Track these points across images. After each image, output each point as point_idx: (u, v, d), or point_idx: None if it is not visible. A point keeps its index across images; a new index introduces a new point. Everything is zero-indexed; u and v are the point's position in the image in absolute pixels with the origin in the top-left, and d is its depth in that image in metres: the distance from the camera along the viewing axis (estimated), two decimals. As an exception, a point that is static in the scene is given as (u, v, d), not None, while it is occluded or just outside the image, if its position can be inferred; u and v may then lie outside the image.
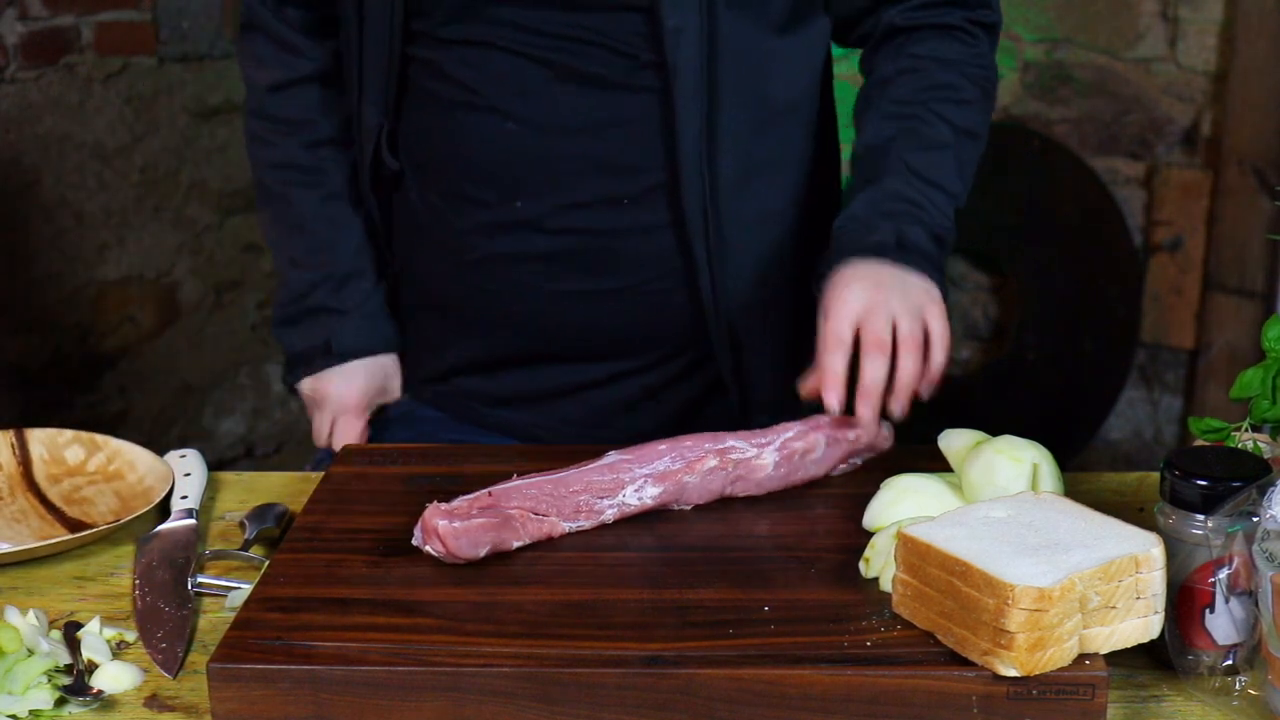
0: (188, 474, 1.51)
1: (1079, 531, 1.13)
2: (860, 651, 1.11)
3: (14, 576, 1.35)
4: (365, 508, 1.37)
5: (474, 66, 1.56)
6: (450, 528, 1.26)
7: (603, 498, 1.33)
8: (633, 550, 1.30)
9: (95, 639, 1.22)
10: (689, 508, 1.37)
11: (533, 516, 1.30)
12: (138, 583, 1.32)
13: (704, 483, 1.36)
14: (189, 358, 3.50)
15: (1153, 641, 1.12)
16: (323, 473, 1.47)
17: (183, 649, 1.22)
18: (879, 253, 1.46)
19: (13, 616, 1.24)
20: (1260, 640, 1.10)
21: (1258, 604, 1.09)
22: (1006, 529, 1.14)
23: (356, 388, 1.71)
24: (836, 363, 1.39)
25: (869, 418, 1.39)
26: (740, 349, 1.64)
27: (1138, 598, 1.10)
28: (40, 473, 1.54)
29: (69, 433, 1.57)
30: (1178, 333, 3.64)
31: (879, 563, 1.22)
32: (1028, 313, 3.75)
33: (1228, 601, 1.13)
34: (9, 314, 3.13)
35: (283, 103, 1.70)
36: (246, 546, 1.38)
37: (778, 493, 1.39)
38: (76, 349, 3.27)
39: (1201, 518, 1.13)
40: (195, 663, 1.21)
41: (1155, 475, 1.21)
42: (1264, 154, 3.38)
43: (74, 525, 1.45)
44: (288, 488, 1.54)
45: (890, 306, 1.40)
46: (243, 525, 1.42)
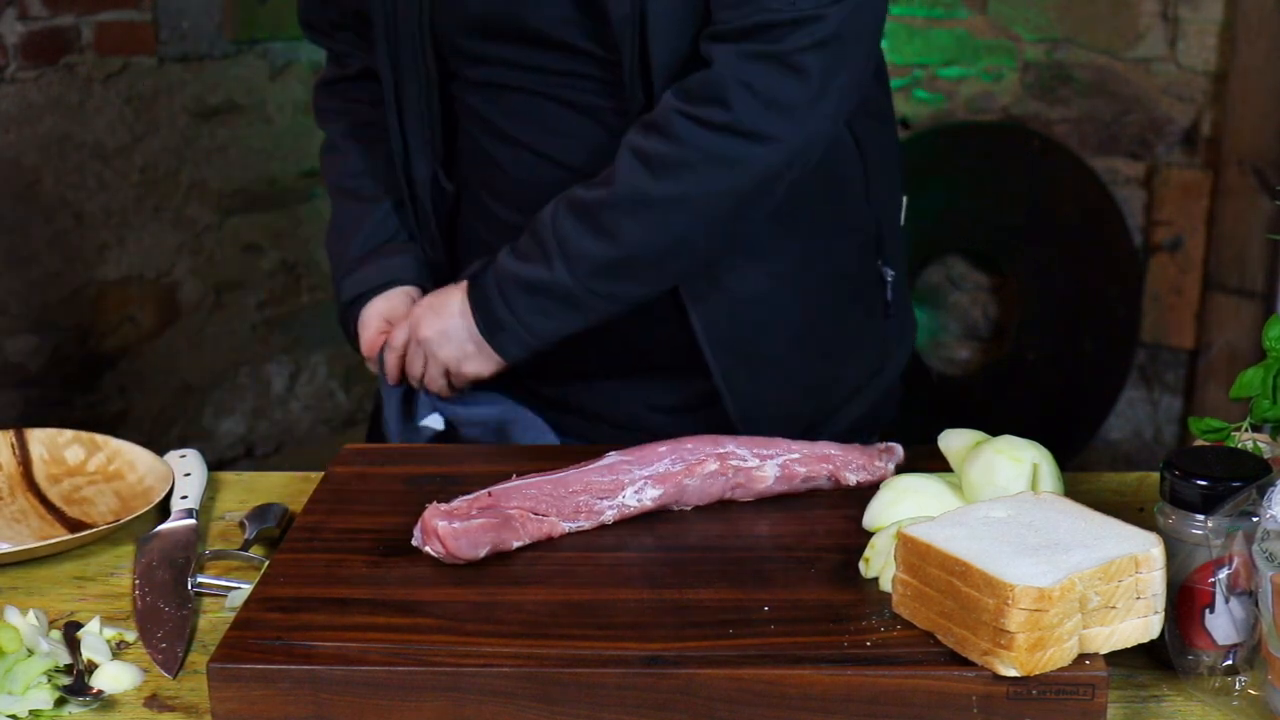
0: (188, 474, 1.51)
1: (1079, 531, 1.13)
2: (860, 651, 1.11)
3: (14, 576, 1.35)
4: (365, 508, 1.37)
5: (492, 103, 1.63)
6: (450, 528, 1.26)
7: (602, 498, 1.33)
8: (633, 550, 1.30)
9: (95, 639, 1.22)
10: (688, 509, 1.37)
11: (532, 517, 1.30)
12: (138, 583, 1.32)
13: (704, 486, 1.36)
14: (189, 358, 3.50)
15: (1153, 641, 1.12)
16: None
17: (183, 649, 1.22)
18: (471, 282, 1.63)
19: (13, 616, 1.24)
20: (1260, 640, 1.10)
21: (1258, 604, 1.09)
22: (1006, 529, 1.14)
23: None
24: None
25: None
26: (733, 363, 1.64)
27: (1138, 598, 1.10)
28: (40, 473, 1.54)
29: (69, 433, 1.57)
30: (1178, 333, 3.64)
31: (879, 563, 1.22)
32: (1028, 313, 3.75)
33: (1228, 601, 1.13)
34: (9, 314, 3.13)
35: (328, 97, 1.83)
36: (246, 546, 1.38)
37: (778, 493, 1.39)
38: (76, 349, 3.27)
39: (1201, 518, 1.13)
40: (195, 663, 1.21)
41: (1155, 475, 1.21)
42: (1264, 154, 3.38)
43: (74, 525, 1.45)
44: (288, 488, 1.54)
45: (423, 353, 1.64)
46: (242, 525, 1.42)
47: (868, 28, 1.54)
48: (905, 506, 1.28)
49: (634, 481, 1.34)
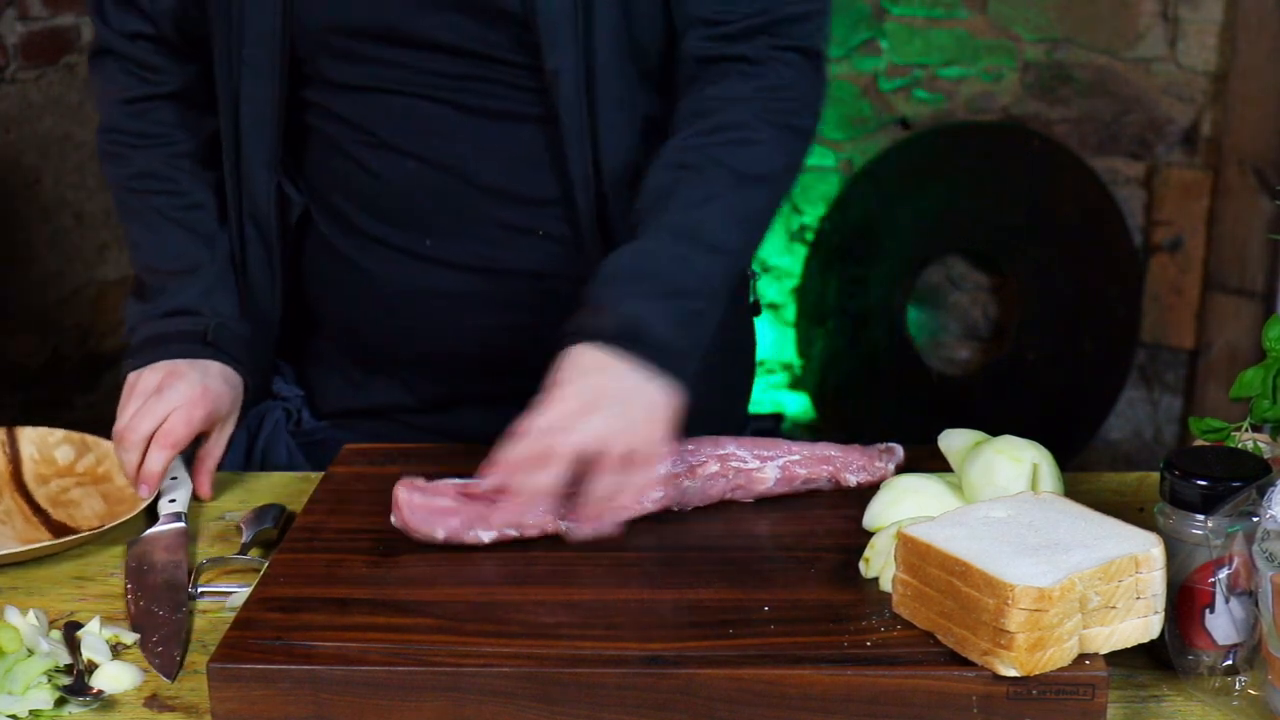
0: (174, 478, 1.50)
1: (1079, 531, 1.13)
2: (860, 651, 1.11)
3: (14, 576, 1.35)
4: (365, 508, 1.37)
5: (368, 107, 1.53)
6: (409, 499, 1.27)
7: None
8: (633, 550, 1.29)
9: (95, 639, 1.22)
10: (688, 510, 1.37)
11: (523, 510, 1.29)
12: (129, 586, 1.32)
13: (704, 487, 1.36)
14: (189, 358, 3.49)
15: (1153, 641, 1.12)
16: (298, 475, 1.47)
17: (180, 653, 1.22)
18: (599, 340, 1.31)
19: (13, 616, 1.24)
20: (1260, 640, 1.10)
21: (1258, 604, 1.09)
22: (1006, 529, 1.14)
23: (211, 397, 1.52)
24: (511, 452, 1.25)
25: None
26: None
27: (1138, 598, 1.10)
28: (29, 473, 1.53)
29: (60, 432, 1.57)
30: (1178, 333, 3.64)
31: (879, 563, 1.22)
32: (1028, 313, 3.75)
33: (1228, 601, 1.13)
34: (9, 314, 3.13)
35: (138, 116, 1.65)
36: (244, 549, 1.38)
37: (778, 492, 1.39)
38: (76, 349, 3.26)
39: (1201, 518, 1.13)
40: (195, 663, 1.21)
41: (1155, 475, 1.21)
42: (1264, 154, 3.38)
43: (58, 528, 1.45)
44: (287, 488, 1.54)
45: (594, 427, 1.25)
46: (239, 529, 1.42)
47: None
48: (905, 506, 1.28)
49: None
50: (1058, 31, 3.61)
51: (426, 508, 1.28)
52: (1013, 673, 1.06)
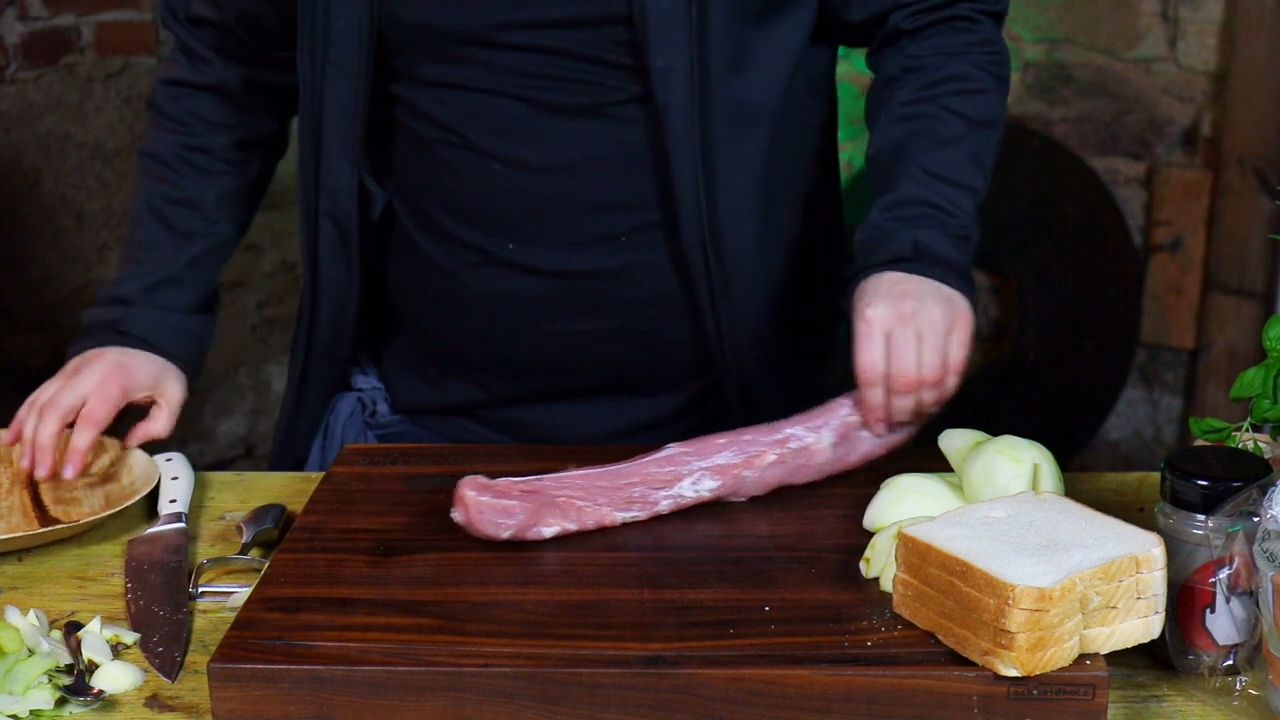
0: (175, 477, 1.50)
1: (1079, 531, 1.13)
2: (860, 651, 1.11)
3: (14, 577, 1.35)
4: (365, 508, 1.37)
5: (452, 106, 1.53)
6: (476, 499, 1.27)
7: (658, 489, 1.34)
8: (633, 550, 1.30)
9: (95, 639, 1.22)
10: (743, 500, 1.38)
11: (582, 504, 1.30)
12: (129, 585, 1.32)
13: (762, 477, 1.37)
14: (189, 358, 3.49)
15: (1153, 641, 1.12)
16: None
17: (180, 653, 1.22)
18: (898, 262, 1.43)
19: (13, 616, 1.24)
20: (1261, 640, 1.10)
21: (1258, 604, 1.09)
22: (1006, 529, 1.14)
23: (127, 372, 1.55)
24: (876, 396, 1.38)
25: (902, 438, 1.42)
26: (747, 377, 1.60)
27: (1138, 598, 1.10)
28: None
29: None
30: (1178, 333, 3.64)
31: (879, 563, 1.22)
32: (1028, 313, 3.75)
33: (1228, 601, 1.13)
34: (9, 314, 3.13)
35: (171, 99, 1.67)
36: (245, 550, 1.38)
37: (778, 492, 1.39)
38: (76, 349, 3.26)
39: (1202, 518, 1.13)
40: (196, 663, 1.21)
41: (1155, 475, 1.22)
42: (1264, 154, 3.38)
43: (50, 524, 1.44)
44: (287, 488, 1.54)
45: (915, 329, 1.37)
46: (239, 529, 1.42)
47: None
48: (905, 506, 1.28)
49: (692, 473, 1.35)
50: (1058, 31, 3.61)
51: (494, 507, 1.28)
52: (1013, 673, 1.06)
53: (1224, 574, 1.13)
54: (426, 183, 1.58)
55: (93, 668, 1.19)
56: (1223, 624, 1.14)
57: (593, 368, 1.50)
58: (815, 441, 1.38)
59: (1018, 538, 1.12)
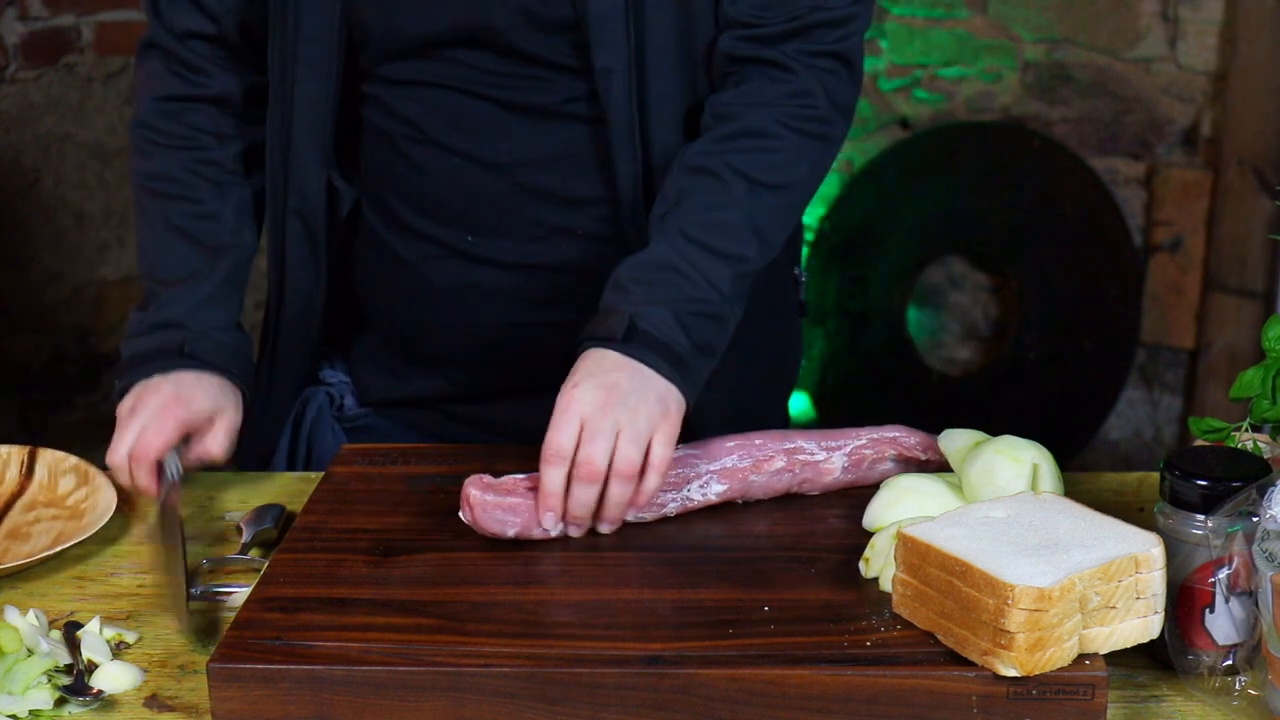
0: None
1: (1079, 531, 1.13)
2: (860, 651, 1.11)
3: (14, 577, 1.35)
4: (365, 508, 1.37)
5: (418, 103, 1.55)
6: (481, 499, 1.27)
7: (666, 491, 1.34)
8: (633, 550, 1.30)
9: (95, 639, 1.22)
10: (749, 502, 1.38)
11: None
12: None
13: (770, 482, 1.37)
14: (189, 358, 3.49)
15: (1153, 641, 1.12)
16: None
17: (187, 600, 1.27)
18: (611, 341, 1.37)
19: (13, 616, 1.24)
20: (1260, 640, 1.10)
21: (1258, 604, 1.09)
22: (1006, 529, 1.14)
23: (184, 403, 1.48)
24: (553, 479, 1.30)
25: (577, 533, 1.33)
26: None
27: (1138, 598, 1.10)
28: (25, 498, 1.50)
29: (72, 460, 1.53)
30: (1178, 333, 3.64)
31: (879, 563, 1.22)
32: (1028, 313, 3.75)
33: (1228, 601, 1.13)
34: (9, 314, 3.13)
35: (172, 116, 1.61)
36: (244, 550, 1.38)
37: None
38: (76, 349, 3.26)
39: (1201, 518, 1.13)
40: (195, 663, 1.21)
41: (1155, 475, 1.22)
42: (1264, 154, 3.38)
43: None
44: (287, 488, 1.54)
45: (614, 421, 1.31)
46: (239, 529, 1.42)
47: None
48: (905, 506, 1.28)
49: (700, 476, 1.35)
50: (1058, 31, 3.61)
51: (500, 505, 1.29)
52: (1013, 673, 1.06)
53: (1223, 574, 1.13)
54: (391, 178, 1.59)
55: (92, 668, 1.19)
56: (1222, 624, 1.14)
57: (556, 361, 1.45)
58: (825, 461, 1.39)
59: (1017, 538, 1.12)
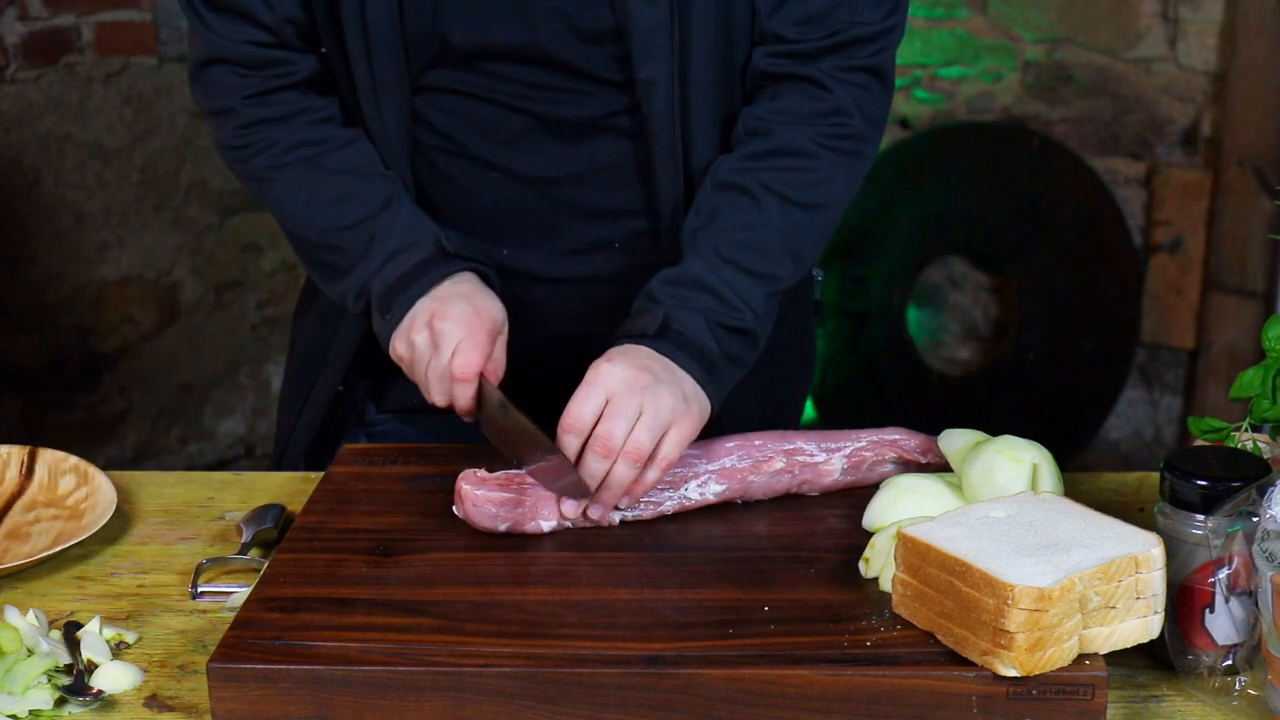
0: None
1: (1079, 531, 1.13)
2: (860, 651, 1.11)
3: (14, 577, 1.35)
4: (365, 508, 1.37)
5: (452, 115, 1.53)
6: (472, 493, 1.29)
7: (663, 489, 1.34)
8: (633, 550, 1.30)
9: (95, 639, 1.22)
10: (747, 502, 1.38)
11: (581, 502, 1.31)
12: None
13: (769, 482, 1.37)
14: (189, 358, 3.50)
15: (1153, 641, 1.12)
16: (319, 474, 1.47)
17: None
18: (643, 337, 1.37)
19: (13, 616, 1.24)
20: (1260, 640, 1.10)
21: (1258, 604, 1.09)
22: (1006, 529, 1.14)
23: (487, 301, 1.44)
24: (571, 445, 1.31)
25: (572, 512, 1.33)
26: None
27: (1138, 598, 1.10)
28: (25, 498, 1.50)
29: (73, 460, 1.52)
30: (1178, 333, 3.64)
31: (879, 563, 1.22)
32: (1028, 313, 3.75)
33: (1228, 601, 1.13)
34: (9, 314, 3.13)
35: (265, 104, 1.55)
36: (244, 550, 1.38)
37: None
38: (76, 349, 3.27)
39: (1201, 518, 1.13)
40: (195, 663, 1.21)
41: (1155, 475, 1.22)
42: (1264, 154, 3.38)
43: None
44: (287, 488, 1.54)
45: (639, 403, 1.31)
46: (239, 529, 1.42)
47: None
48: (905, 506, 1.28)
49: (699, 475, 1.35)
50: (1058, 31, 3.61)
51: (491, 500, 1.30)
52: (1013, 673, 1.06)
53: (1223, 574, 1.13)
54: (422, 189, 1.58)
55: (92, 668, 1.19)
56: (1222, 624, 1.14)
57: (576, 370, 1.43)
58: (824, 462, 1.39)
59: (1017, 538, 1.12)
